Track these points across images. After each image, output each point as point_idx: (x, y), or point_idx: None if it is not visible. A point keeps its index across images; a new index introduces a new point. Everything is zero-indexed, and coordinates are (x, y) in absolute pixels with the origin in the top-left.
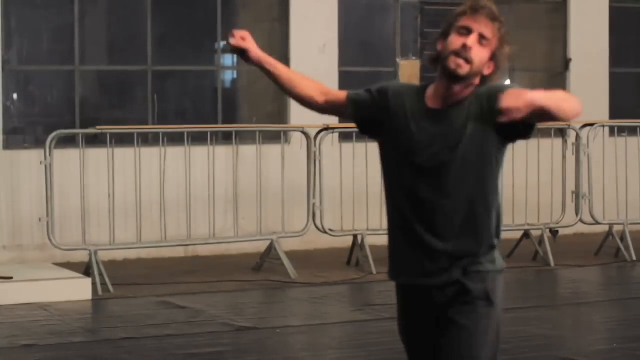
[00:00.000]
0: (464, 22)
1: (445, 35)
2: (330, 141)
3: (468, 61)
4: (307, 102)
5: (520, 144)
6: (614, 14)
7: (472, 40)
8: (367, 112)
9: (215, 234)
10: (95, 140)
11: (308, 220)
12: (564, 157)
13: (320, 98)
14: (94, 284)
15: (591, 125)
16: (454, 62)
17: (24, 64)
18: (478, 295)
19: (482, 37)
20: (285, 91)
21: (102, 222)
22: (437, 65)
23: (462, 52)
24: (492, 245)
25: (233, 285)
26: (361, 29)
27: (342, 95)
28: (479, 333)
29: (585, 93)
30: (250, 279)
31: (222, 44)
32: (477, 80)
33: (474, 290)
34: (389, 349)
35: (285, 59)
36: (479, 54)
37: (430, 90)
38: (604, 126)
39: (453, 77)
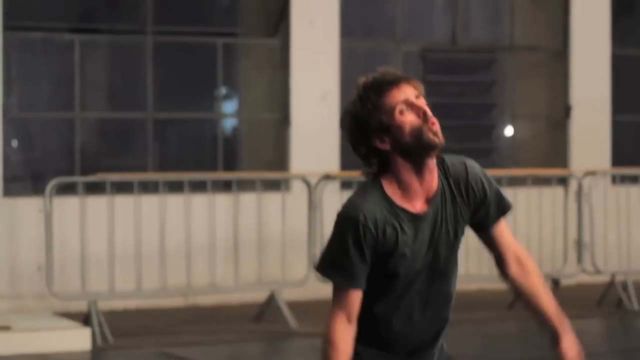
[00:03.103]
0: (397, 98)
1: (382, 130)
2: (331, 190)
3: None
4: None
5: (521, 192)
6: (616, 61)
7: (424, 105)
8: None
9: (215, 284)
10: (95, 188)
11: (308, 270)
12: (565, 205)
13: (353, 327)
14: (93, 333)
15: (593, 173)
16: (430, 131)
17: (25, 110)
18: None
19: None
20: None
21: (101, 271)
22: (384, 166)
23: (428, 122)
24: None
25: (233, 336)
26: (363, 76)
27: (357, 295)
28: None
29: (586, 141)
30: (251, 329)
31: (223, 91)
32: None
33: None
34: None
35: (286, 107)
36: None
37: (390, 190)
38: (605, 174)
39: (432, 149)
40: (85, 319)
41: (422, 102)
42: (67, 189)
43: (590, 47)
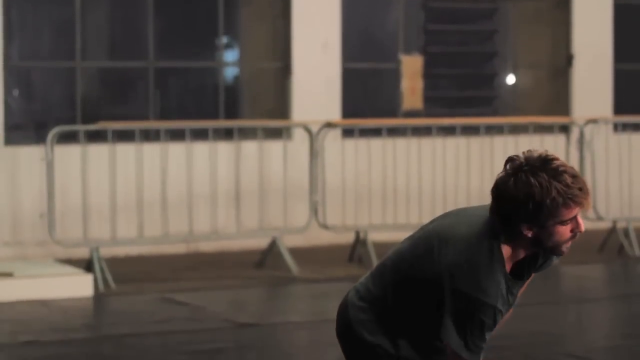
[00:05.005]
0: (571, 214)
1: (538, 226)
2: (332, 137)
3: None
4: None
5: (523, 140)
6: (618, 10)
7: (582, 222)
8: None
9: (217, 230)
10: (96, 136)
11: (310, 217)
12: (567, 153)
13: None
14: (95, 280)
15: (594, 121)
16: (566, 248)
17: (25, 60)
18: None
19: None
20: None
21: (103, 218)
22: (526, 242)
23: (573, 239)
24: None
25: (235, 282)
26: (364, 25)
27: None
28: None
29: (588, 89)
30: (252, 275)
31: (224, 40)
32: None
33: None
34: None
35: (287, 56)
36: None
37: (505, 256)
38: (607, 122)
39: (557, 255)
40: (87, 266)
41: (582, 221)
42: (68, 138)
43: None
